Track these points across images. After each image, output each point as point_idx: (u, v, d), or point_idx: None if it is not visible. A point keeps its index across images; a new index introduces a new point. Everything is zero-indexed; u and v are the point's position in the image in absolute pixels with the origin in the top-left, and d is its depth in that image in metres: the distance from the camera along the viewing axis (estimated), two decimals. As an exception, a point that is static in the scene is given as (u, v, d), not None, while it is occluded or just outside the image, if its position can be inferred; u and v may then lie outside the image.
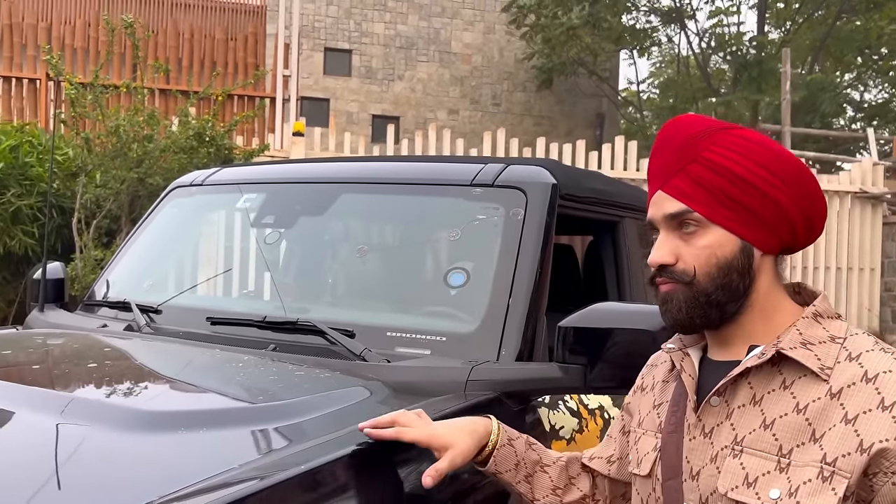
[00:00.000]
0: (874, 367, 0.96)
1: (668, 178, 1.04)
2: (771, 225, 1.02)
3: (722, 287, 1.02)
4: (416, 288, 1.96)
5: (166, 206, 2.44)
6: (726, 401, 1.03)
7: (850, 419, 0.93)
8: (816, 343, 1.00)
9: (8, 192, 6.18)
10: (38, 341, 1.84)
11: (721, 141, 1.03)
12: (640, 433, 1.16)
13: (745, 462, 0.98)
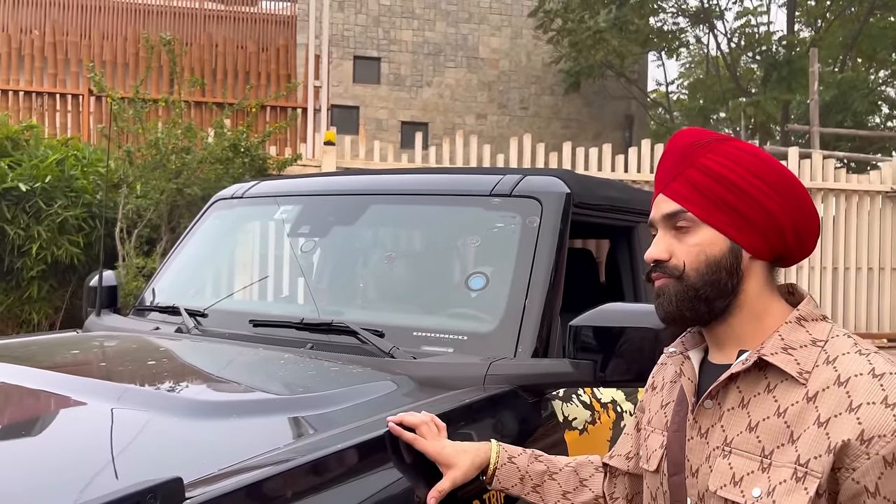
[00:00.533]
0: (847, 370, 1.03)
1: (668, 183, 1.14)
2: (761, 230, 1.10)
3: (710, 283, 1.10)
4: (439, 291, 2.12)
5: (209, 217, 2.63)
6: (719, 403, 1.11)
7: (822, 422, 1.01)
8: (798, 347, 1.07)
9: (55, 204, 6.44)
10: (101, 342, 2.04)
11: (718, 150, 1.12)
12: (650, 430, 1.24)
13: (733, 462, 1.07)
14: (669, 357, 1.24)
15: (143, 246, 6.69)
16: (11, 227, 6.29)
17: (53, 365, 1.71)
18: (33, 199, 6.34)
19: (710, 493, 1.08)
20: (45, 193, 6.42)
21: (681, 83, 26.12)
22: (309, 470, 1.14)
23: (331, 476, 1.17)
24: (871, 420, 0.97)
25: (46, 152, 6.86)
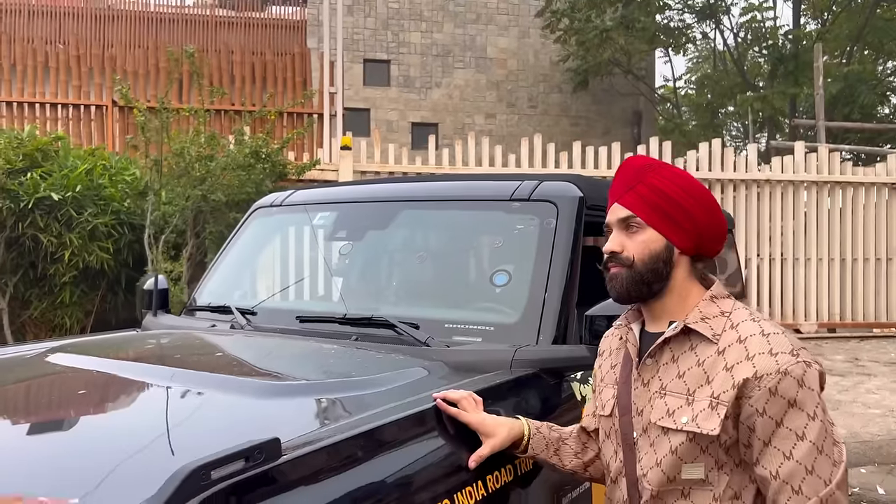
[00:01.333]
0: (745, 332, 1.41)
1: (621, 195, 1.51)
2: (687, 232, 1.48)
3: (651, 270, 1.48)
4: (467, 287, 2.35)
5: (250, 224, 2.87)
6: (656, 360, 1.50)
7: (728, 368, 1.39)
8: (711, 317, 1.46)
9: (85, 212, 6.68)
10: (168, 338, 2.28)
11: (661, 172, 1.50)
12: (603, 386, 1.62)
13: (668, 401, 1.45)
14: (616, 328, 1.64)
15: (170, 251, 6.92)
16: (45, 234, 6.54)
17: (137, 357, 1.95)
18: (65, 208, 6.58)
19: (652, 425, 1.46)
20: (76, 202, 6.65)
21: (688, 79, 26.23)
22: (371, 436, 1.37)
23: (387, 442, 1.40)
24: (761, 365, 1.36)
25: (75, 162, 7.10)
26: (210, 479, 1.04)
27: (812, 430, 1.32)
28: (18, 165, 6.57)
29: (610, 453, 1.56)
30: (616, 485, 1.54)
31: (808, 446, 1.32)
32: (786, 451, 1.33)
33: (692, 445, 1.40)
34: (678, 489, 1.42)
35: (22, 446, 1.35)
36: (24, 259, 6.82)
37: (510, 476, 1.61)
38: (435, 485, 1.40)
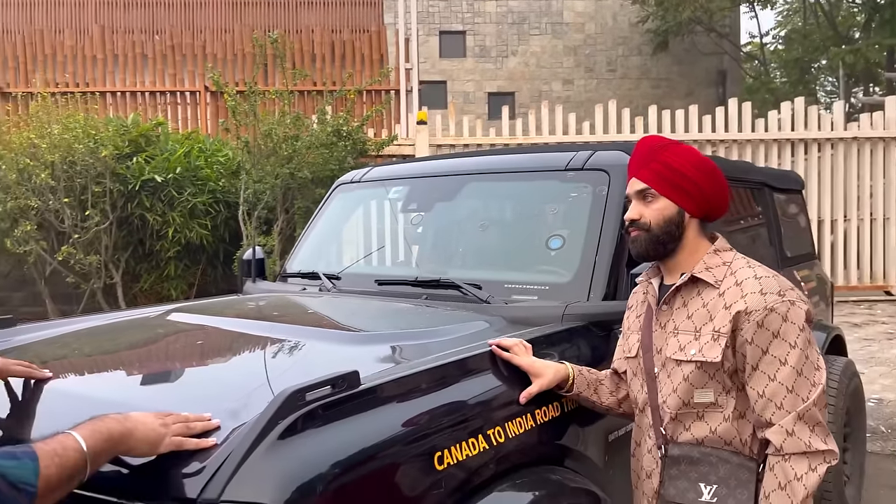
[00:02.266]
0: (741, 276, 1.69)
1: (639, 170, 1.78)
2: (695, 199, 1.75)
3: (665, 232, 1.75)
4: (525, 251, 2.59)
5: (333, 199, 3.19)
6: (670, 306, 1.78)
7: (727, 306, 1.66)
8: (714, 267, 1.74)
9: (185, 192, 7.23)
10: (267, 300, 2.64)
11: (672, 150, 1.77)
12: (630, 333, 1.91)
13: (680, 339, 1.73)
14: (639, 284, 1.92)
15: (262, 226, 7.41)
16: (150, 213, 7.12)
17: (249, 315, 2.31)
18: (167, 189, 7.14)
19: (668, 359, 1.74)
20: (176, 183, 7.20)
21: (776, 34, 25.09)
22: (432, 372, 1.64)
23: (446, 378, 1.67)
24: (751, 302, 1.63)
25: (174, 146, 7.66)
26: (305, 400, 1.34)
27: (793, 357, 1.59)
28: (125, 151, 7.17)
29: (637, 387, 1.84)
30: (643, 413, 1.82)
31: (789, 370, 1.58)
32: (770, 374, 1.60)
33: (701, 373, 1.68)
34: (693, 412, 1.69)
35: (161, 382, 1.71)
36: (133, 237, 7.45)
37: (557, 412, 1.86)
38: (488, 414, 1.67)
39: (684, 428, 1.71)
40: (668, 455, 1.72)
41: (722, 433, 1.67)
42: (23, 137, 6.86)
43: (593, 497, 1.83)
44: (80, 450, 1.10)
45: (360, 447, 1.36)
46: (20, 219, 6.74)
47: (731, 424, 1.67)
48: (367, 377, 1.51)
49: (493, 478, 1.61)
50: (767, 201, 3.77)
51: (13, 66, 10.25)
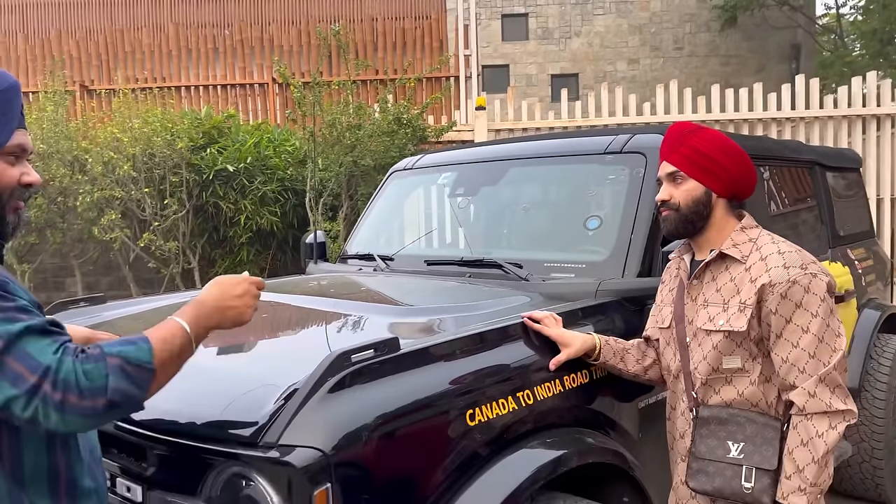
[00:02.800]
0: (766, 252, 1.82)
1: (669, 154, 1.93)
2: (721, 181, 1.88)
3: (694, 212, 1.89)
4: (564, 232, 2.73)
5: (388, 186, 3.40)
6: (700, 280, 1.92)
7: (753, 280, 1.80)
8: (741, 243, 1.87)
9: (255, 181, 7.59)
10: (328, 279, 2.88)
11: (700, 135, 1.91)
12: (663, 306, 2.06)
13: (709, 310, 1.87)
14: (672, 260, 2.07)
15: (328, 212, 7.71)
16: (223, 202, 7.51)
17: (306, 292, 2.55)
18: (238, 178, 7.50)
19: (698, 329, 1.89)
20: (247, 172, 7.55)
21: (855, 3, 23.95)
22: (468, 340, 1.83)
23: (480, 346, 1.85)
24: (775, 275, 1.77)
25: (244, 137, 8.03)
26: (351, 361, 1.54)
27: (814, 325, 1.72)
28: (199, 142, 7.57)
29: (670, 356, 1.99)
30: (677, 379, 1.97)
31: (811, 337, 1.71)
32: (793, 341, 1.73)
33: (728, 341, 1.82)
34: (722, 377, 1.84)
35: (237, 349, 1.95)
36: (208, 224, 7.87)
37: (586, 379, 2.02)
38: (517, 378, 1.84)
39: (714, 392, 1.86)
40: (699, 416, 1.86)
41: (749, 396, 1.82)
42: (107, 132, 7.33)
43: (620, 457, 1.98)
44: (185, 334, 1.32)
45: (400, 402, 1.56)
46: (106, 208, 7.22)
47: (758, 388, 1.81)
48: (408, 344, 1.71)
49: (523, 435, 1.79)
50: (819, 180, 3.78)
51: (97, 65, 10.88)
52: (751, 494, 1.74)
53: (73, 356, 1.20)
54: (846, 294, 3.59)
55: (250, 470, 1.42)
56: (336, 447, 1.42)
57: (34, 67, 10.92)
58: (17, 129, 1.32)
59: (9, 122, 1.31)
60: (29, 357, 1.17)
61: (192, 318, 1.34)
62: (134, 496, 1.59)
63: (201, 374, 1.76)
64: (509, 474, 1.67)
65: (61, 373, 1.17)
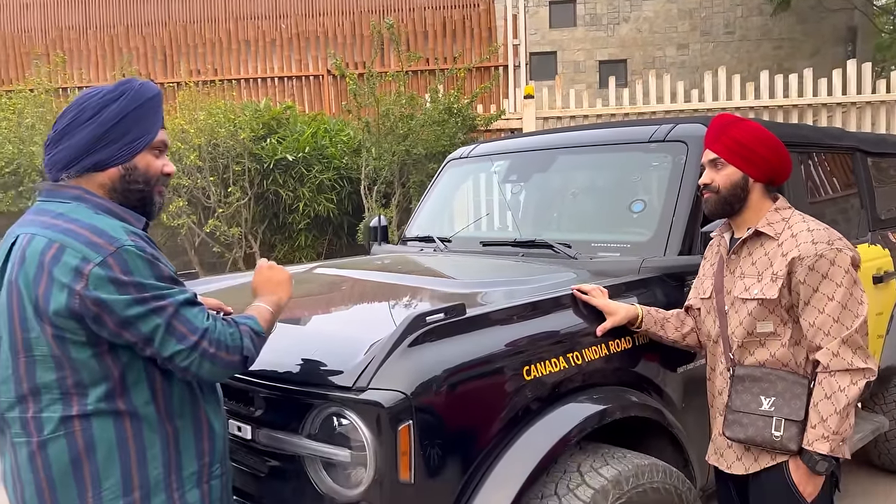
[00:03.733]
0: (796, 229, 2.05)
1: (711, 143, 2.16)
2: (758, 167, 2.11)
3: (732, 194, 2.12)
4: (610, 214, 2.96)
5: (445, 173, 3.67)
6: (737, 255, 2.14)
7: (784, 254, 2.02)
8: (774, 222, 2.10)
9: (313, 170, 7.94)
10: (392, 258, 3.17)
11: (740, 126, 2.12)
12: (704, 278, 2.29)
13: (745, 282, 2.10)
14: (713, 238, 2.31)
15: (381, 199, 8.03)
16: (283, 189, 7.89)
17: (376, 269, 2.86)
18: (297, 167, 7.87)
19: (735, 298, 2.11)
20: (305, 161, 7.92)
21: (917, -18, 23.18)
22: (523, 307, 2.09)
23: (533, 313, 2.11)
24: (804, 250, 1.99)
25: (302, 127, 8.38)
26: (426, 322, 1.82)
27: (839, 294, 1.94)
28: (260, 133, 7.96)
29: (710, 323, 2.22)
30: (716, 344, 2.20)
31: (835, 304, 1.94)
32: (819, 308, 1.96)
33: (762, 309, 2.04)
34: (756, 340, 2.07)
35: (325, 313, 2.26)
36: (268, 211, 8.27)
37: (629, 345, 2.26)
38: (567, 341, 2.10)
39: (749, 353, 2.09)
40: (736, 375, 2.09)
41: (780, 357, 2.05)
42: (174, 123, 7.77)
43: (659, 414, 2.22)
44: (270, 312, 1.70)
45: (466, 357, 1.84)
46: (173, 196, 7.66)
47: (788, 350, 2.04)
48: (471, 310, 1.98)
49: (572, 391, 2.05)
50: (859, 165, 3.92)
51: (161, 59, 11.41)
52: (780, 441, 1.96)
53: (220, 322, 1.55)
54: (885, 275, 3.73)
55: (345, 409, 1.71)
56: (415, 392, 1.70)
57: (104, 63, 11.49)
58: (161, 128, 1.65)
59: (156, 123, 1.63)
60: (189, 321, 1.50)
61: (272, 302, 1.73)
62: (244, 434, 1.90)
63: (300, 333, 2.07)
64: (560, 422, 1.92)
65: (215, 334, 1.52)
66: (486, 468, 1.82)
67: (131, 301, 1.44)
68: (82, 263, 1.43)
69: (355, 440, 1.71)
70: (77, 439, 1.47)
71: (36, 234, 1.49)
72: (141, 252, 1.49)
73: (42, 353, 1.46)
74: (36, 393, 1.48)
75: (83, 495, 1.48)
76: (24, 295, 1.46)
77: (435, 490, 1.74)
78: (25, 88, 8.36)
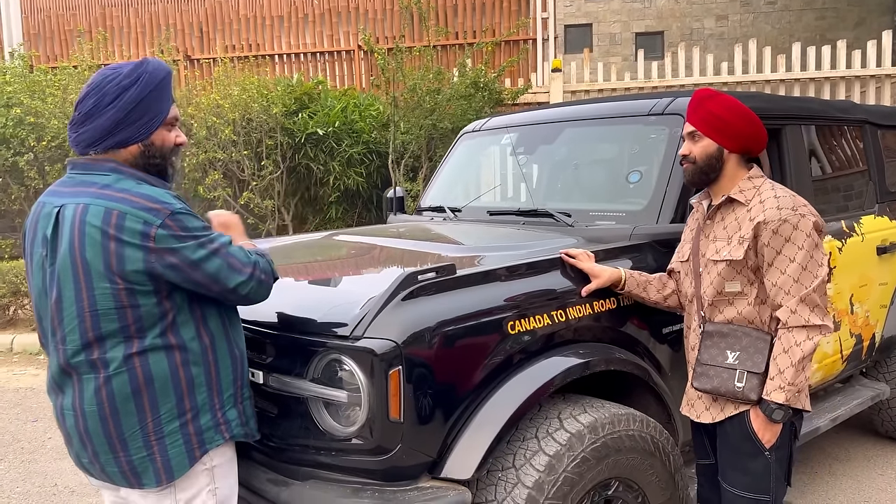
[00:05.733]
0: (764, 196, 2.19)
1: (690, 116, 2.29)
2: (732, 139, 2.24)
3: (708, 165, 2.27)
4: (607, 185, 3.11)
5: (459, 146, 3.84)
6: (712, 220, 2.30)
7: (751, 219, 2.16)
8: (745, 190, 2.25)
9: (343, 144, 8.15)
10: (406, 227, 3.37)
11: (716, 100, 2.24)
12: (684, 243, 2.44)
13: (716, 245, 2.26)
14: (694, 206, 2.44)
15: (409, 173, 8.22)
16: (314, 163, 8.11)
17: (387, 235, 3.07)
18: (327, 141, 8.08)
19: (708, 260, 2.27)
20: (335, 135, 8.12)
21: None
22: (512, 268, 2.27)
23: (537, 271, 2.30)
24: (769, 214, 2.13)
25: (332, 102, 8.56)
26: (418, 279, 2.01)
27: (799, 256, 2.09)
28: (292, 108, 8.18)
29: (688, 284, 2.38)
30: (692, 303, 2.36)
31: (796, 266, 2.08)
32: (781, 269, 2.11)
33: (730, 269, 2.20)
34: (725, 299, 2.23)
35: (332, 273, 2.47)
36: (300, 184, 8.52)
37: (614, 305, 2.43)
38: (551, 300, 2.27)
39: (718, 311, 2.25)
40: (705, 331, 2.25)
41: (746, 315, 2.20)
42: (209, 99, 8.03)
43: (641, 369, 2.39)
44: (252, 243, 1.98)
45: (454, 312, 2.02)
46: (209, 169, 7.95)
47: (754, 308, 2.19)
48: (464, 269, 2.17)
49: (555, 345, 2.23)
50: (868, 138, 3.97)
51: (198, 35, 11.70)
52: (742, 392, 2.12)
53: (254, 254, 1.85)
54: (890, 246, 3.81)
55: (343, 356, 1.92)
56: (406, 341, 1.90)
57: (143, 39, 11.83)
58: (172, 103, 1.85)
59: (168, 100, 1.84)
60: (237, 257, 1.79)
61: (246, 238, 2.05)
62: (257, 379, 2.13)
63: (310, 289, 2.30)
64: (543, 371, 2.11)
65: (261, 264, 1.84)
66: (471, 411, 2.01)
67: (195, 246, 1.71)
68: (146, 227, 1.67)
69: (351, 383, 1.92)
70: (138, 373, 1.72)
71: (90, 203, 1.70)
72: (189, 212, 1.75)
73: (107, 306, 1.69)
74: (101, 339, 1.71)
75: (143, 420, 1.73)
76: (90, 259, 1.67)
77: (422, 429, 1.94)
78: (70, 65, 8.70)
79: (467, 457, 1.96)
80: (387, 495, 1.92)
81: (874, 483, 3.75)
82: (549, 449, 2.05)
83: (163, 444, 1.75)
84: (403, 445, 1.92)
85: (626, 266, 2.53)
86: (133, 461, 1.74)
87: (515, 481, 2.01)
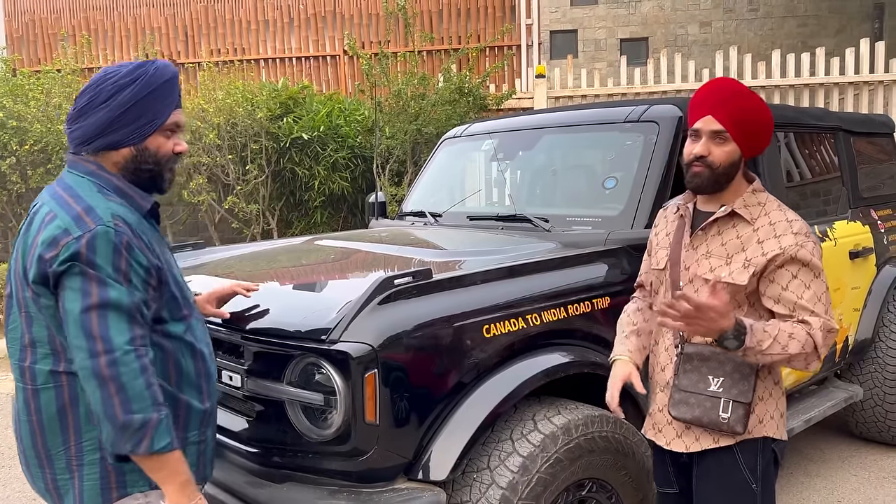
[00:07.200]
0: (774, 218, 1.95)
1: (716, 110, 1.93)
2: (755, 148, 1.99)
3: (727, 173, 1.97)
4: (585, 191, 3.16)
5: (440, 152, 3.88)
6: (705, 232, 2.02)
7: (760, 241, 1.93)
8: (751, 205, 1.99)
9: (328, 148, 8.16)
10: (387, 232, 3.41)
11: (749, 98, 1.96)
12: (658, 248, 2.17)
13: (711, 262, 1.99)
14: (673, 206, 2.17)
15: (394, 177, 8.25)
16: (299, 168, 8.11)
17: (367, 240, 3.10)
18: (312, 146, 8.07)
19: (697, 277, 2.01)
20: (320, 140, 8.12)
21: (949, -44, 22.59)
22: (491, 272, 2.31)
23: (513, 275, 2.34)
24: (785, 242, 1.90)
25: (318, 107, 8.57)
26: (394, 284, 2.05)
27: (814, 284, 1.91)
28: (277, 112, 8.18)
29: (661, 295, 2.19)
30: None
31: (812, 293, 1.90)
32: (798, 294, 1.91)
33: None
34: None
35: (310, 278, 2.50)
36: (285, 189, 8.52)
37: (588, 308, 2.48)
38: (525, 304, 2.31)
39: None
40: (684, 353, 2.00)
41: None
42: (194, 103, 8.03)
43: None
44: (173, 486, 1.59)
45: (430, 316, 2.06)
46: (194, 173, 7.95)
47: None
48: (440, 274, 2.21)
49: (531, 347, 2.27)
50: (842, 145, 4.05)
51: (182, 39, 11.67)
52: (727, 423, 1.92)
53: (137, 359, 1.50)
54: (863, 251, 3.88)
55: (320, 359, 1.95)
56: (382, 345, 1.94)
57: (128, 43, 11.80)
58: (175, 109, 1.71)
59: (170, 105, 1.69)
60: (107, 326, 1.48)
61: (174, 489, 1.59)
62: (235, 383, 2.15)
63: (286, 292, 2.32)
64: (520, 372, 2.15)
65: (123, 365, 1.48)
66: (447, 413, 2.05)
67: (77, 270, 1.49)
68: (62, 235, 1.51)
69: (328, 386, 1.95)
70: (63, 393, 1.58)
71: (45, 202, 1.63)
72: (117, 240, 1.53)
73: (31, 310, 1.58)
74: (33, 345, 1.60)
75: (67, 443, 1.60)
76: (22, 257, 1.60)
77: (398, 431, 1.98)
78: (53, 69, 8.67)
79: (443, 458, 2.00)
80: (363, 497, 1.95)
81: (848, 483, 3.82)
82: (522, 450, 2.08)
83: (81, 472, 1.61)
84: (379, 447, 1.95)
85: (601, 270, 2.57)
86: (57, 480, 1.63)
87: (490, 482, 2.05)
